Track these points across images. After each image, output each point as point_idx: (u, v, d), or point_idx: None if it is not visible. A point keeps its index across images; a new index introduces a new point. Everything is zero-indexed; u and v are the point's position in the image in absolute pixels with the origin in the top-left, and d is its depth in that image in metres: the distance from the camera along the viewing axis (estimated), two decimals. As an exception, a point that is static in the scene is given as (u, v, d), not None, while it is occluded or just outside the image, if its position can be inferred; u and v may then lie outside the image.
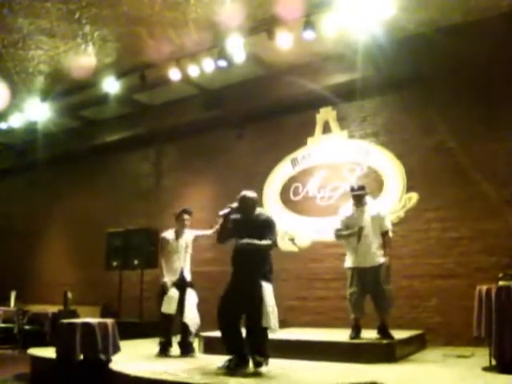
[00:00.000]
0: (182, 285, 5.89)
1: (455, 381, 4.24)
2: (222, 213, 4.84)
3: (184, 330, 5.77)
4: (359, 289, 5.49)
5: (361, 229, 5.48)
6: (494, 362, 4.56)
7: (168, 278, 5.86)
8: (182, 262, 5.97)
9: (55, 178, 11.44)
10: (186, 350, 5.76)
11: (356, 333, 5.49)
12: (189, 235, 6.09)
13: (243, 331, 4.76)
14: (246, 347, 4.71)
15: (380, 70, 7.14)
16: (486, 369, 4.58)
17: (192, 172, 9.52)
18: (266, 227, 4.80)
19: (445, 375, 4.50)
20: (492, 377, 4.30)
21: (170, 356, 5.77)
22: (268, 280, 4.72)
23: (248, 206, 4.87)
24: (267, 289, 4.64)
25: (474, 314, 4.70)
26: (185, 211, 6.11)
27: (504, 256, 6.32)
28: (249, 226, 4.82)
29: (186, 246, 6.04)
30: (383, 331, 5.41)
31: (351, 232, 5.54)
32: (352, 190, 5.73)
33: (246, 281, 4.69)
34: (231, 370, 4.59)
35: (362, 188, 5.69)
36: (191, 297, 5.86)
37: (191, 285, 5.97)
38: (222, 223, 4.89)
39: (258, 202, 4.97)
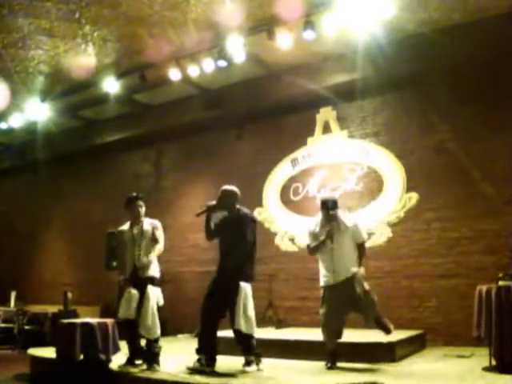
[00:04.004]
0: (138, 281, 4.97)
1: (455, 381, 4.24)
2: (198, 212, 4.97)
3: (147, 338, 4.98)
4: (333, 309, 4.91)
5: (330, 231, 4.93)
6: (494, 362, 4.56)
7: (126, 275, 5.05)
8: (136, 254, 5.02)
9: (55, 178, 11.44)
10: (149, 361, 4.91)
11: (332, 361, 4.91)
12: (146, 224, 5.17)
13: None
14: (216, 347, 4.77)
15: (380, 70, 7.14)
16: (485, 369, 4.58)
17: (192, 172, 9.52)
18: (243, 225, 4.81)
19: (445, 375, 4.50)
20: (492, 377, 4.29)
21: (138, 366, 4.96)
22: (248, 280, 4.74)
23: (226, 199, 4.91)
24: (243, 290, 4.65)
25: (474, 314, 4.70)
26: (134, 198, 5.30)
27: (504, 256, 6.32)
28: (229, 222, 4.89)
29: (142, 236, 5.08)
30: (380, 323, 4.92)
31: (319, 242, 4.99)
32: (325, 207, 5.02)
33: (227, 281, 4.71)
34: (202, 369, 4.57)
35: (335, 206, 5.04)
36: (150, 298, 4.90)
37: (152, 280, 5.00)
38: (205, 221, 4.94)
39: (237, 197, 4.98)
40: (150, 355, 4.94)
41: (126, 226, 5.27)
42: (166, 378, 4.38)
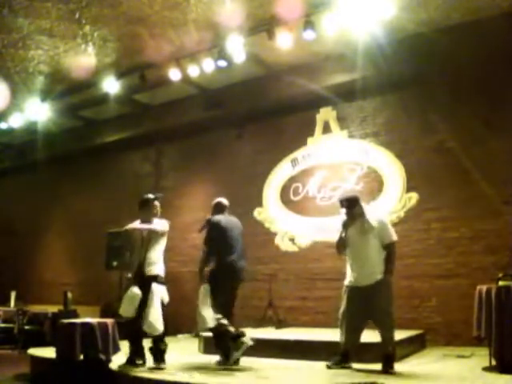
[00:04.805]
0: (142, 280, 4.96)
1: (455, 381, 4.24)
2: (199, 228, 5.40)
3: (155, 336, 4.97)
4: (350, 311, 4.73)
5: (345, 222, 4.83)
6: (494, 362, 4.56)
7: (132, 274, 5.04)
8: (144, 253, 5.05)
9: (55, 178, 11.44)
10: (156, 358, 4.94)
11: (338, 361, 4.76)
12: (156, 225, 5.21)
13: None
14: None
15: (380, 69, 7.14)
16: (485, 369, 4.58)
17: (192, 172, 9.52)
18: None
19: (445, 375, 4.50)
20: (492, 377, 4.30)
21: (139, 366, 4.96)
22: (207, 281, 5.05)
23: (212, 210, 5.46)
24: (199, 291, 5.02)
25: (474, 314, 4.70)
26: (153, 199, 5.32)
27: (504, 256, 6.32)
28: None
29: (150, 236, 5.12)
30: (386, 362, 4.59)
31: (339, 240, 4.89)
32: (341, 204, 4.89)
33: None
34: (219, 366, 4.98)
35: (351, 204, 4.83)
36: (154, 296, 4.90)
37: (156, 278, 5.01)
38: None
39: (217, 207, 5.42)
40: (156, 353, 4.97)
41: (134, 225, 5.25)
42: (165, 378, 4.38)
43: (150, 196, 5.34)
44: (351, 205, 4.83)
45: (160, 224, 5.22)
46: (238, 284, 5.24)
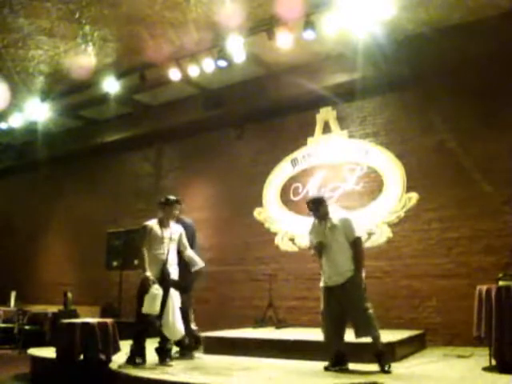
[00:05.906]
0: (165, 282, 5.08)
1: (455, 381, 4.24)
2: None
3: (163, 336, 5.12)
4: (329, 311, 4.77)
5: (320, 243, 4.81)
6: (494, 362, 4.56)
7: (151, 273, 5.03)
8: (166, 255, 5.15)
9: (55, 178, 11.45)
10: (163, 357, 5.10)
11: (334, 362, 4.72)
12: (175, 229, 5.36)
13: None
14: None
15: (380, 69, 7.13)
16: (485, 369, 4.58)
17: (192, 172, 9.52)
18: None
19: (445, 375, 4.50)
20: (492, 377, 4.30)
21: (138, 366, 5.00)
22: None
23: None
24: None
25: (474, 314, 4.70)
26: (176, 201, 5.44)
27: (504, 256, 6.32)
28: None
29: (172, 238, 5.24)
30: (380, 360, 4.60)
31: (314, 246, 4.90)
32: (308, 206, 4.97)
33: None
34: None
35: (317, 205, 4.90)
36: (175, 301, 5.12)
37: (176, 285, 5.19)
38: None
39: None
40: (163, 352, 5.13)
41: (153, 223, 5.29)
42: (165, 378, 4.38)
43: (173, 197, 5.40)
44: (317, 206, 4.90)
45: (181, 229, 5.41)
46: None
